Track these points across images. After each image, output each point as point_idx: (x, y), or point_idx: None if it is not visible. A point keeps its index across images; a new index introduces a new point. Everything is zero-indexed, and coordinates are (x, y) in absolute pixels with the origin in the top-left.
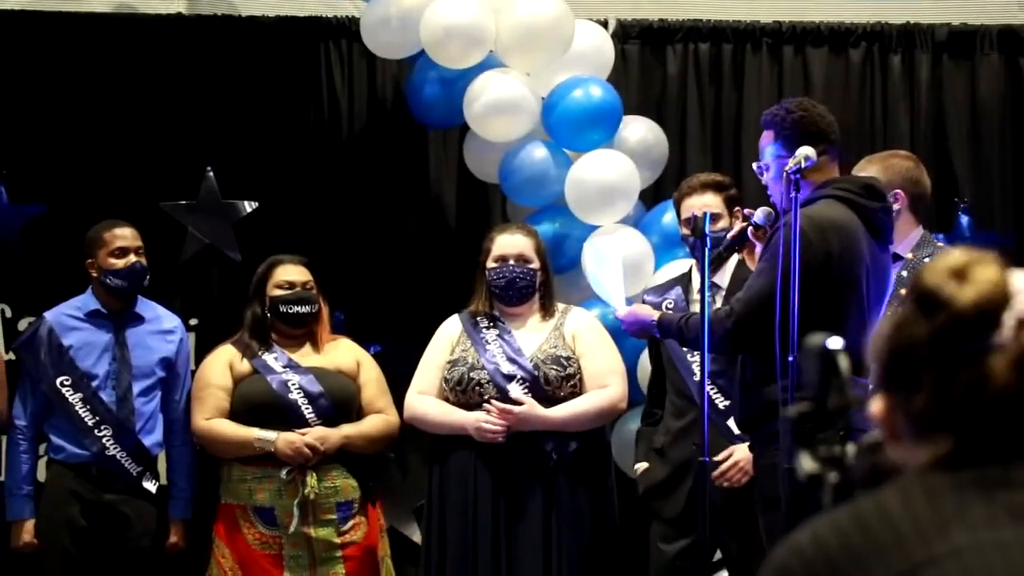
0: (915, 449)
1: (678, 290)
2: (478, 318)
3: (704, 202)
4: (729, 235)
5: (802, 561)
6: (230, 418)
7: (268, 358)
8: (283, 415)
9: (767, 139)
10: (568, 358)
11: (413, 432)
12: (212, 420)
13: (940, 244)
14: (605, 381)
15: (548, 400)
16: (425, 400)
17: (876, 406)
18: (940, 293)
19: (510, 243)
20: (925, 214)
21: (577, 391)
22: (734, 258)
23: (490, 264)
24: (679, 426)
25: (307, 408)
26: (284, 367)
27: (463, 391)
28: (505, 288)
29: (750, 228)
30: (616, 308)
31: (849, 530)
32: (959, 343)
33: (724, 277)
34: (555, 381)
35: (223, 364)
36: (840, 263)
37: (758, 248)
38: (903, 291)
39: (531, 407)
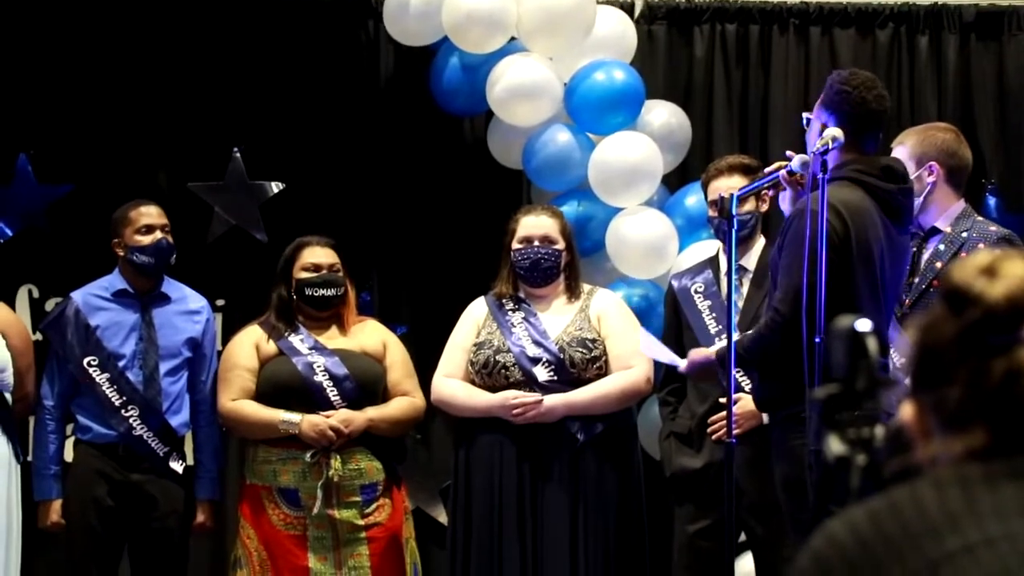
0: (947, 445)
1: (707, 273)
2: (503, 300)
3: (731, 184)
4: (767, 169)
5: (837, 549)
6: (255, 399)
7: (294, 340)
8: (308, 397)
9: (819, 113)
10: (593, 340)
11: (439, 413)
12: (237, 402)
13: (980, 219)
14: (630, 363)
15: (574, 382)
16: (452, 383)
17: (906, 411)
18: (971, 289)
19: (535, 224)
20: (965, 187)
21: (603, 373)
22: (760, 242)
23: (515, 245)
24: (703, 410)
25: (332, 390)
26: (310, 349)
27: (489, 374)
28: (530, 269)
29: (783, 171)
30: (678, 366)
31: (884, 518)
32: (991, 337)
33: (751, 260)
34: (580, 363)
35: (249, 345)
36: (856, 245)
37: (786, 194)
38: (939, 264)
39: (552, 399)
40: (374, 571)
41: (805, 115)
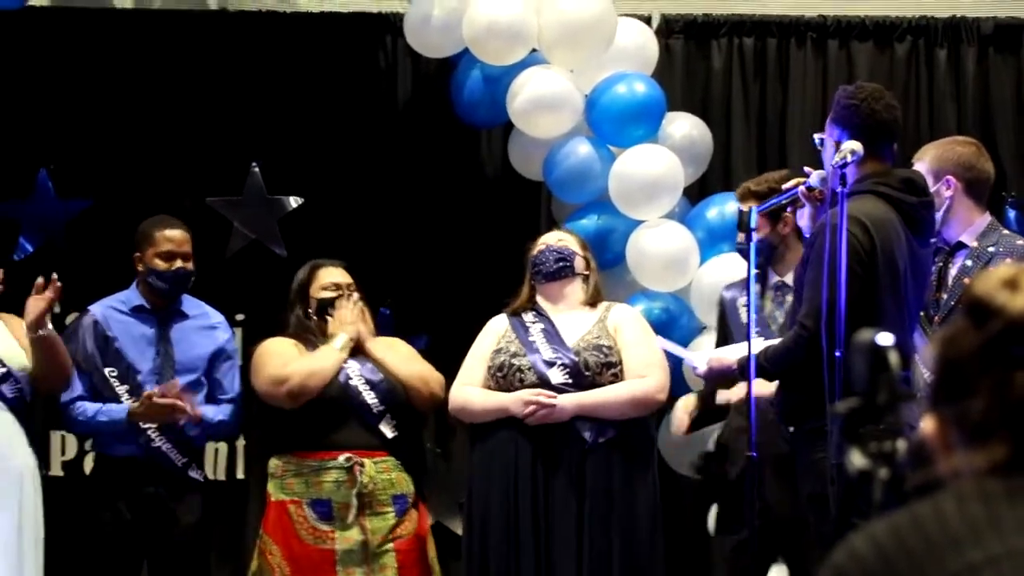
0: (969, 458)
1: (755, 287)
2: (523, 313)
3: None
4: (784, 186)
5: (859, 564)
6: (298, 410)
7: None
8: (346, 403)
9: (832, 130)
10: (609, 347)
11: (459, 426)
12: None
13: (1007, 232)
14: (644, 372)
15: (588, 387)
16: (468, 389)
17: (928, 425)
18: (993, 302)
19: (554, 235)
20: (987, 200)
21: (618, 380)
22: (798, 256)
23: (533, 254)
24: (742, 424)
25: (369, 394)
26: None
27: (503, 376)
28: (542, 263)
29: (802, 187)
30: (698, 367)
31: (905, 532)
32: (1013, 349)
33: (791, 276)
34: (595, 367)
35: (290, 345)
36: (882, 258)
37: (805, 210)
38: (967, 280)
39: (563, 398)
40: None
41: (818, 136)
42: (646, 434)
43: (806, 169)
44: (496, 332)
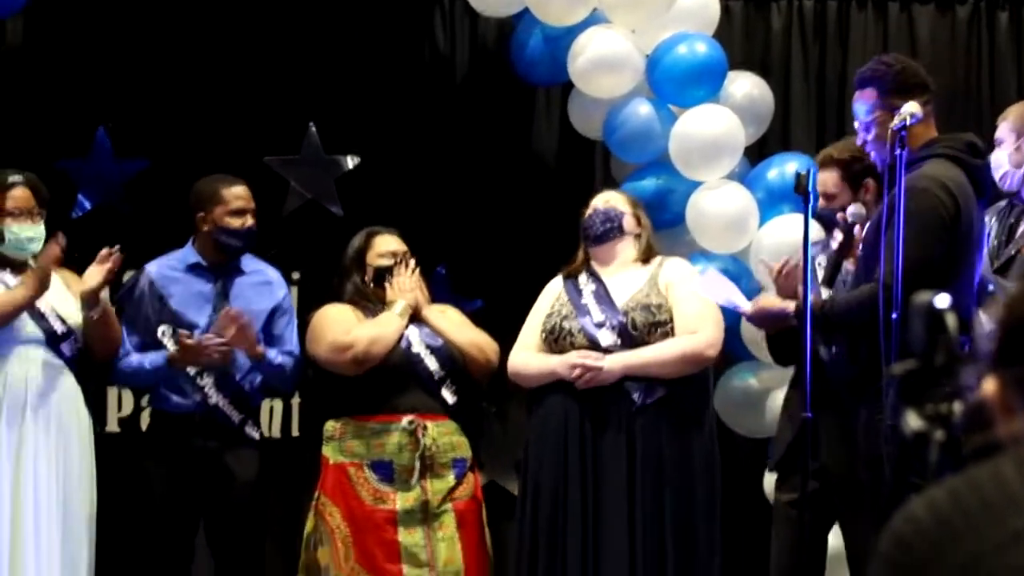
0: None
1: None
2: (578, 275)
3: (824, 179)
4: (834, 246)
5: (915, 527)
6: (361, 375)
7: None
8: (408, 369)
9: (869, 96)
10: (659, 306)
11: (514, 388)
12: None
13: None
14: (694, 327)
15: (637, 346)
16: (524, 354)
17: (989, 386)
18: None
19: (602, 198)
20: None
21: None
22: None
23: (583, 218)
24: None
25: (430, 359)
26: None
27: (555, 340)
28: (590, 227)
29: (856, 227)
30: (742, 307)
31: (963, 494)
32: None
33: None
34: (643, 327)
35: (348, 311)
36: (964, 223)
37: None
38: None
39: (610, 359)
40: (461, 542)
41: (858, 127)
42: (700, 393)
43: (849, 214)
44: (551, 295)
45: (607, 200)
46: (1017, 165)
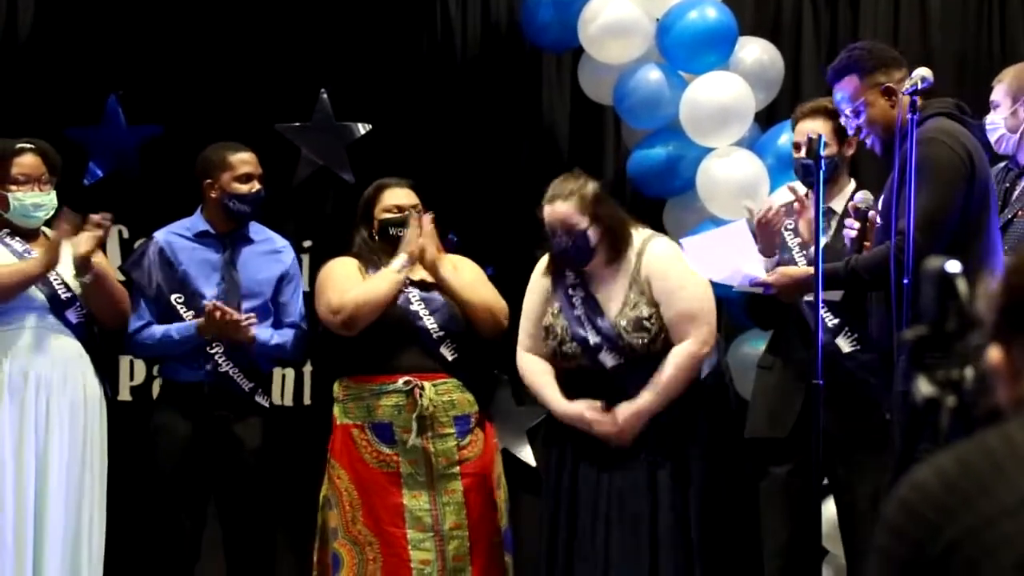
0: None
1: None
2: (564, 275)
3: (814, 127)
4: (848, 239)
5: (922, 493)
6: (359, 335)
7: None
8: (406, 325)
9: (849, 83)
10: (649, 317)
11: None
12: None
13: None
14: (683, 332)
15: (639, 360)
16: (532, 367)
17: (993, 354)
18: None
19: (551, 213)
20: None
21: (668, 342)
22: (850, 185)
23: (547, 233)
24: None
25: (429, 319)
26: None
27: (558, 344)
28: (563, 261)
29: (871, 213)
30: (758, 276)
31: (972, 458)
32: None
33: (839, 203)
34: (640, 348)
35: (353, 266)
36: (981, 180)
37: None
38: None
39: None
40: (468, 507)
41: (843, 118)
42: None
43: (857, 203)
44: (541, 293)
45: (562, 219)
46: (1013, 129)
